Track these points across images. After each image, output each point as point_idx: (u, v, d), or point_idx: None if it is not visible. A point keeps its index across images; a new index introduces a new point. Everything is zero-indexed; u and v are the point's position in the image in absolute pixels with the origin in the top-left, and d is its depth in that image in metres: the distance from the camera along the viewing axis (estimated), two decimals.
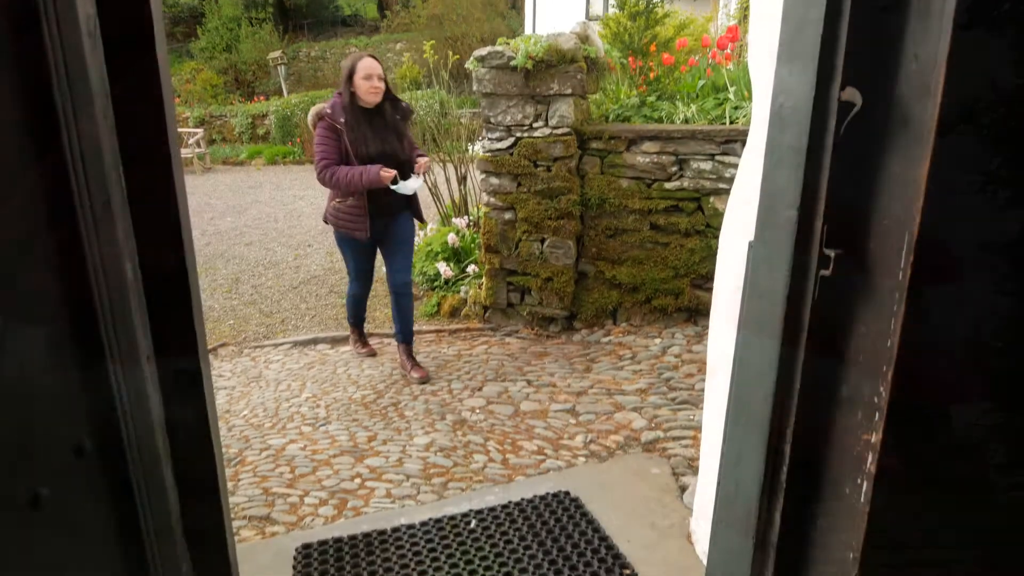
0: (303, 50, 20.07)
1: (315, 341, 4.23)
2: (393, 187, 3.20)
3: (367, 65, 3.20)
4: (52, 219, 0.66)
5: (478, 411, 3.06)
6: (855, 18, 0.94)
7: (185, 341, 0.87)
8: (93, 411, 0.75)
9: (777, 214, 1.14)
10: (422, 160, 3.38)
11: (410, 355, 3.56)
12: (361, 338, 3.93)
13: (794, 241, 1.08)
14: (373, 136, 3.24)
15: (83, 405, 0.74)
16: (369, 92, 3.19)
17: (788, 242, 1.10)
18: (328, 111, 3.24)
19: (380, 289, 5.27)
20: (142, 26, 0.73)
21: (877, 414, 1.01)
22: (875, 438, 1.02)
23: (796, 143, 1.07)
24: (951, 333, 0.91)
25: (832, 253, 1.04)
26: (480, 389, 3.29)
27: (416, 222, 3.54)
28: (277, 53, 16.89)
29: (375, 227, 3.31)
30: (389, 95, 3.30)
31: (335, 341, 4.21)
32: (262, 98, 16.20)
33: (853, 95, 0.97)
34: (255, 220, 7.97)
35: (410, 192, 3.30)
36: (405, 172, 3.29)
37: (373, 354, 3.83)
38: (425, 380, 3.42)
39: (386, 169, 3.18)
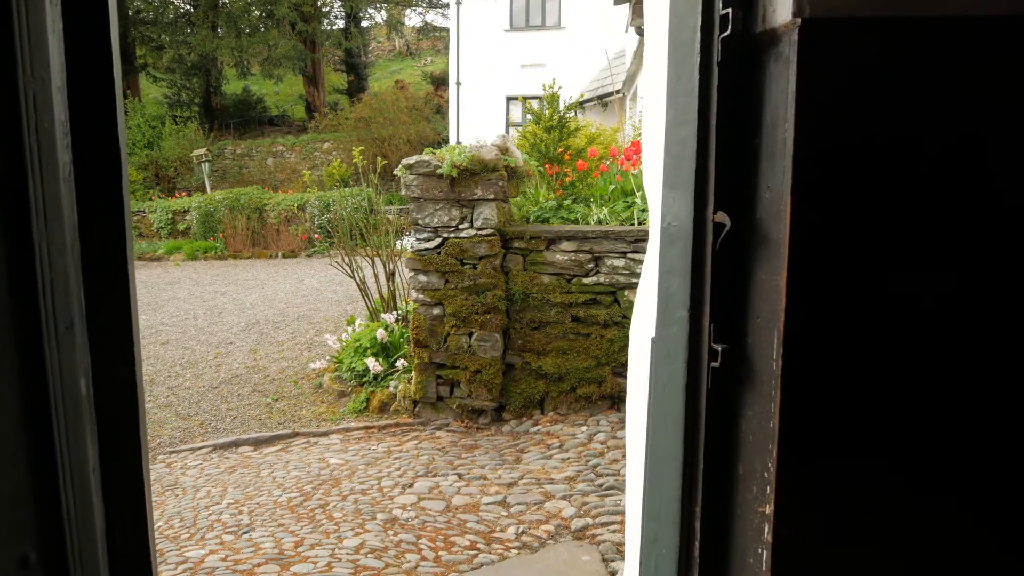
0: (228, 148, 20.17)
1: (236, 444, 4.07)
2: None
3: None
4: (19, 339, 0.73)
5: (409, 508, 3.03)
6: (719, 158, 1.16)
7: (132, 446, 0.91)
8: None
9: (672, 314, 1.32)
10: None
11: None
12: None
13: (687, 338, 1.26)
14: None
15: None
16: None
17: (683, 339, 1.27)
18: None
19: (304, 380, 5.19)
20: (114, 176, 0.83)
21: (768, 487, 1.15)
22: (769, 509, 1.16)
23: (682, 254, 1.26)
24: (826, 412, 1.08)
25: (719, 347, 1.21)
26: (411, 485, 3.26)
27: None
28: (202, 150, 16.89)
29: None
30: None
31: (259, 443, 4.07)
32: (184, 194, 15.99)
33: (724, 218, 1.18)
34: (172, 318, 7.70)
35: None
36: None
37: None
38: None
39: None
